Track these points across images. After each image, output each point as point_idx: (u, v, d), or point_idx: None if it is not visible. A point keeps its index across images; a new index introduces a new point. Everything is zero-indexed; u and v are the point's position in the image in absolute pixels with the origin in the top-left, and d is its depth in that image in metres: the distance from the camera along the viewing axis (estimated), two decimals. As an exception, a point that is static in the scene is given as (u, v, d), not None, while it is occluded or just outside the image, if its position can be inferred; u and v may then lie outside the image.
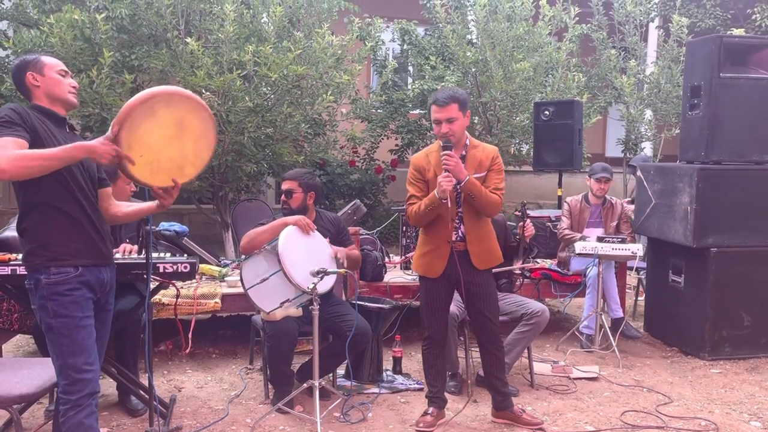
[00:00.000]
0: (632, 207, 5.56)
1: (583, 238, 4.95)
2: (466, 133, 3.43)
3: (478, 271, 3.42)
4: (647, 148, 9.82)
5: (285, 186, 3.88)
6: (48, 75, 2.58)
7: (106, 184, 2.76)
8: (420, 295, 3.57)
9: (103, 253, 2.64)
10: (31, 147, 2.42)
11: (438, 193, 3.23)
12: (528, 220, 4.07)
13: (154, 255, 3.31)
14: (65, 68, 2.66)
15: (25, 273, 2.98)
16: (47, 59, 2.62)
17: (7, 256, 3.16)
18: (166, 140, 2.57)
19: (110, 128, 2.46)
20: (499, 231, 3.80)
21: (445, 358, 3.72)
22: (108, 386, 3.80)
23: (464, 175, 3.25)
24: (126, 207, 2.81)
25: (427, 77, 7.80)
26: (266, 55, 5.38)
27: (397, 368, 4.37)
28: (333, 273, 3.53)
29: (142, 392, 3.60)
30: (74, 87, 2.65)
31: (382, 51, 8.48)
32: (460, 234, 3.40)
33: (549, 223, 5.69)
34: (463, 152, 3.37)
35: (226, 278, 4.58)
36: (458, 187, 3.28)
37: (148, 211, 2.79)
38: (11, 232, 3.77)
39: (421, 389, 4.07)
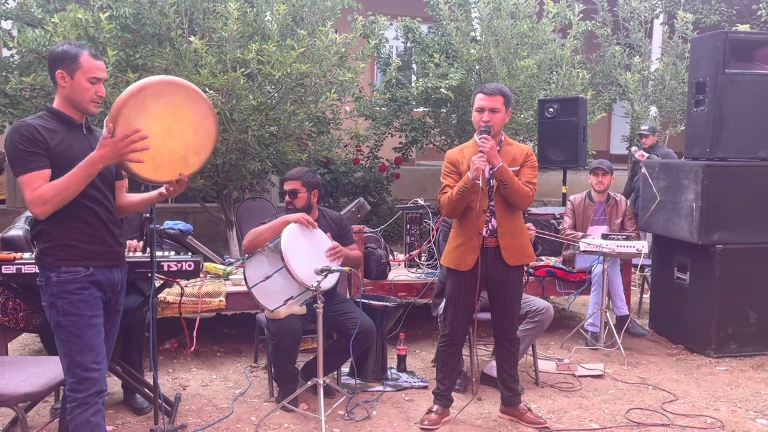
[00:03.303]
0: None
1: (584, 237, 4.94)
2: (503, 132, 3.48)
3: (508, 267, 3.43)
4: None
5: (288, 186, 3.87)
6: (77, 80, 2.51)
7: (120, 177, 2.76)
8: (446, 292, 3.57)
9: (116, 255, 2.65)
10: (51, 165, 2.45)
11: (471, 173, 3.25)
12: (530, 224, 4.06)
13: (159, 253, 3.32)
14: (99, 75, 2.55)
15: (30, 272, 3.02)
16: (86, 62, 2.52)
17: (13, 254, 3.16)
18: (165, 133, 2.54)
19: (104, 126, 2.45)
20: None
21: (460, 357, 3.72)
22: (113, 384, 3.81)
23: (498, 160, 3.28)
24: (131, 196, 2.79)
25: (430, 75, 7.78)
26: (270, 54, 5.38)
27: (401, 366, 4.37)
28: (337, 271, 3.53)
29: (147, 390, 3.61)
30: (100, 96, 2.57)
31: (385, 49, 8.45)
32: (490, 227, 3.41)
33: (553, 221, 5.68)
34: (498, 148, 3.38)
35: (230, 277, 4.59)
36: (491, 172, 3.31)
37: (151, 201, 2.78)
38: (17, 231, 3.79)
39: (425, 387, 4.07)
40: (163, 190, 2.69)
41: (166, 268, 3.25)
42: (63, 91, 2.54)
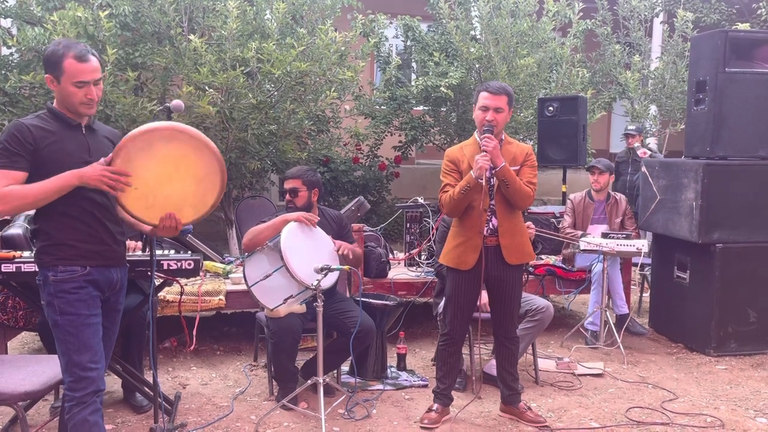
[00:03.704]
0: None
1: (584, 236, 4.94)
2: (503, 130, 3.47)
3: (508, 266, 3.42)
4: (651, 143, 9.78)
5: (288, 185, 3.86)
6: (63, 84, 2.48)
7: None
8: (446, 291, 3.57)
9: (115, 254, 2.64)
10: (34, 169, 2.43)
11: (474, 172, 3.25)
12: (529, 223, 4.06)
13: (158, 252, 3.32)
14: (85, 78, 2.47)
15: (29, 270, 3.02)
16: (70, 66, 2.45)
17: (12, 253, 3.16)
18: (165, 177, 2.53)
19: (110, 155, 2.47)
20: None
21: (460, 356, 3.72)
22: (113, 383, 3.81)
23: (501, 160, 3.28)
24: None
25: (430, 73, 7.78)
26: (269, 52, 5.38)
27: (401, 365, 4.36)
28: (337, 269, 3.52)
29: (146, 389, 3.60)
30: (90, 98, 2.51)
31: (385, 47, 8.45)
32: (491, 227, 3.41)
33: (553, 220, 5.68)
34: (499, 146, 3.36)
35: (230, 275, 4.59)
36: (493, 172, 3.30)
37: (137, 227, 2.74)
38: (16, 230, 3.78)
39: (425, 386, 4.07)
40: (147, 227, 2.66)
41: (165, 267, 3.25)
42: (56, 93, 2.54)
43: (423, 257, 5.17)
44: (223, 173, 2.62)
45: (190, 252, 3.72)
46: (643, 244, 4.68)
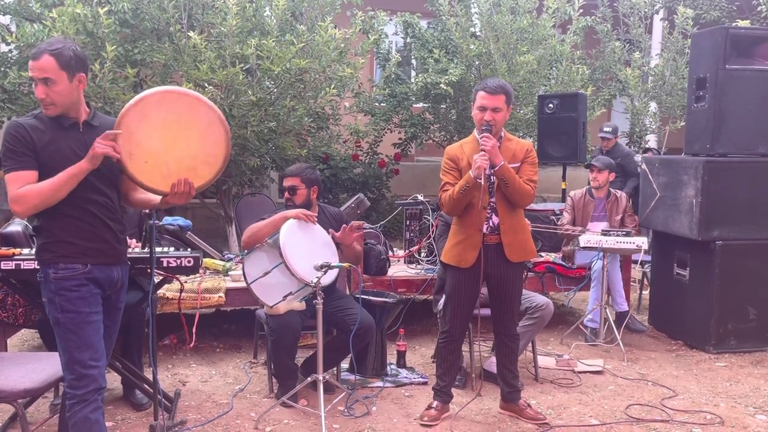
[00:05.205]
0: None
1: (583, 233, 4.93)
2: (502, 127, 3.45)
3: (509, 264, 3.41)
4: (651, 141, 9.79)
5: (288, 183, 3.86)
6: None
7: None
8: (446, 289, 3.56)
9: (116, 252, 2.63)
10: (39, 167, 2.43)
11: (473, 171, 3.23)
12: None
13: (158, 249, 3.31)
14: (33, 75, 2.42)
15: (29, 268, 3.01)
16: (30, 64, 2.43)
17: (12, 250, 3.15)
18: (170, 141, 2.51)
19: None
20: None
21: (460, 353, 3.72)
22: (113, 380, 3.80)
23: (499, 160, 3.26)
24: (141, 192, 2.74)
25: (430, 70, 7.77)
26: (269, 49, 5.37)
27: (401, 362, 4.36)
28: (337, 267, 3.52)
29: (146, 386, 3.60)
30: (40, 98, 2.44)
31: (385, 44, 8.45)
32: (491, 224, 3.40)
33: (553, 217, 5.68)
34: (498, 144, 3.36)
35: (229, 272, 4.58)
36: (492, 172, 3.29)
37: (154, 204, 2.73)
38: (16, 227, 3.78)
39: (425, 383, 4.07)
40: (158, 198, 2.64)
41: (165, 264, 3.24)
42: None
43: (422, 254, 5.16)
44: (224, 123, 2.61)
45: (189, 249, 3.72)
46: (643, 241, 4.68)
